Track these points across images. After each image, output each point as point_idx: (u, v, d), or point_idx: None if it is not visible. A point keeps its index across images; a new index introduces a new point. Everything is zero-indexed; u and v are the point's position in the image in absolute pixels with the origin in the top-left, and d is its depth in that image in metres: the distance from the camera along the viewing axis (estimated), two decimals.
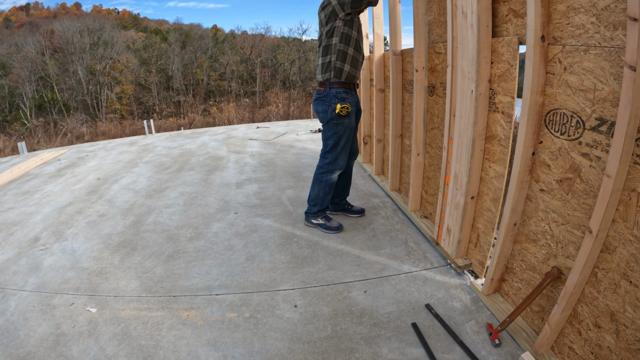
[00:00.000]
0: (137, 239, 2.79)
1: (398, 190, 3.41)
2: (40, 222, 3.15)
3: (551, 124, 1.49)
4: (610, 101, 1.21)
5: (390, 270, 2.28)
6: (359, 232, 2.76)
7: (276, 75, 41.71)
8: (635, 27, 1.03)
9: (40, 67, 33.85)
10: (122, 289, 2.18)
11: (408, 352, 1.65)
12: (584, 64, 1.30)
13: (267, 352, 1.68)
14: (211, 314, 1.94)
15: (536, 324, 1.68)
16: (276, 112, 34.23)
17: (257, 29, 67.92)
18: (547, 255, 1.58)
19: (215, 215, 3.14)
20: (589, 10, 1.25)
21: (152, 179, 4.21)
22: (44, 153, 6.02)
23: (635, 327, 1.19)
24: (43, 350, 1.73)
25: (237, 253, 2.53)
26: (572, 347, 1.46)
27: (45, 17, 44.61)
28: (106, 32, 37.82)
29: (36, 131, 30.38)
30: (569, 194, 1.44)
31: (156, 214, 3.22)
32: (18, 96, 32.18)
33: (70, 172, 4.70)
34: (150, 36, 41.00)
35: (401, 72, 3.09)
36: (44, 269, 2.42)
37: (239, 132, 6.74)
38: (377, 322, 1.84)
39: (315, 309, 1.96)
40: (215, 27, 47.34)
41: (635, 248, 1.17)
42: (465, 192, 2.03)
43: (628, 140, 1.12)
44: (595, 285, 1.33)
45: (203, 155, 5.14)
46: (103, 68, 35.54)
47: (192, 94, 38.87)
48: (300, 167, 4.36)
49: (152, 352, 1.70)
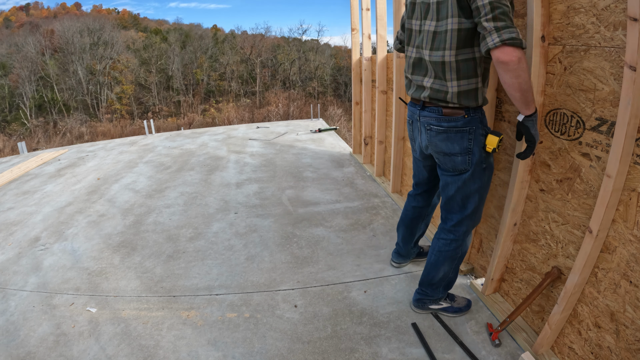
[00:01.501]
0: (137, 239, 2.79)
1: (400, 192, 3.40)
2: (41, 222, 3.15)
3: (551, 124, 1.49)
4: (610, 101, 1.21)
5: (390, 270, 2.28)
6: (359, 232, 2.76)
7: (276, 75, 41.73)
8: (635, 27, 1.03)
9: (40, 67, 33.86)
10: (122, 289, 2.18)
11: (408, 352, 1.65)
12: (584, 64, 1.30)
13: (267, 352, 1.68)
14: (211, 314, 1.95)
15: (536, 324, 1.68)
16: (276, 112, 34.25)
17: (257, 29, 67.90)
18: (547, 255, 1.58)
19: (215, 215, 3.14)
20: (589, 10, 1.25)
21: (152, 178, 4.21)
22: (44, 153, 6.02)
23: (635, 327, 1.19)
24: (43, 350, 1.73)
25: (237, 253, 2.53)
26: (572, 347, 1.46)
27: (45, 17, 44.61)
28: (106, 32, 37.84)
29: (36, 131, 30.39)
30: (569, 194, 1.44)
31: (156, 214, 3.22)
32: (18, 96, 32.19)
33: (70, 172, 4.70)
34: (150, 36, 41.02)
35: (404, 75, 3.08)
36: (44, 268, 2.42)
37: (239, 132, 6.74)
38: (377, 322, 1.84)
39: (315, 309, 1.96)
40: (215, 27, 47.36)
41: (635, 248, 1.17)
42: None
43: (628, 140, 1.12)
44: (595, 285, 1.33)
45: (203, 155, 5.14)
46: (103, 68, 35.56)
47: (192, 94, 38.88)
48: (300, 167, 4.36)
49: (152, 352, 1.70)
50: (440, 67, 1.46)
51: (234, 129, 7.18)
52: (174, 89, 38.22)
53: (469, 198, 1.62)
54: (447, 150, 1.55)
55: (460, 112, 1.49)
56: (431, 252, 1.79)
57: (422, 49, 1.54)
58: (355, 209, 3.17)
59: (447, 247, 1.72)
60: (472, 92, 1.45)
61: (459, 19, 1.35)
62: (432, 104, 1.56)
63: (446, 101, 1.50)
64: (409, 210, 2.09)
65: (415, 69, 1.62)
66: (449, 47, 1.41)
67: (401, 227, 2.15)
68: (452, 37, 1.39)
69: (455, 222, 1.69)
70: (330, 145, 5.40)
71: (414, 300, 1.89)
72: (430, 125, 1.58)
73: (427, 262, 1.80)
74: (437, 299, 1.85)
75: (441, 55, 1.44)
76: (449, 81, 1.46)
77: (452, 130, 1.51)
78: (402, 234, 2.17)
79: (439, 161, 1.65)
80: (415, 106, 1.67)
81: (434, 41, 1.46)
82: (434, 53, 1.47)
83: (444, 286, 1.83)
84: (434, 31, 1.45)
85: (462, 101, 1.46)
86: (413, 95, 1.66)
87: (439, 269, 1.76)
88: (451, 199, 1.66)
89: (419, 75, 1.60)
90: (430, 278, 1.80)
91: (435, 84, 1.51)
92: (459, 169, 1.57)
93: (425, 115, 1.59)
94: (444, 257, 1.74)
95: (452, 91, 1.46)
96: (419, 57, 1.58)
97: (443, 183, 1.69)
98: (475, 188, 1.60)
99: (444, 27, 1.41)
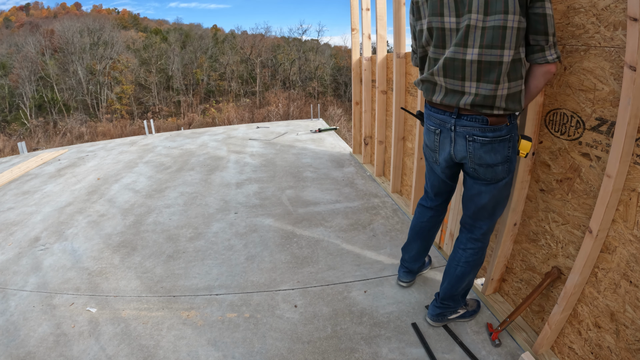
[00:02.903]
0: (137, 239, 2.79)
1: (400, 192, 3.41)
2: (40, 222, 3.15)
3: (551, 124, 1.49)
4: (610, 101, 1.21)
5: (391, 270, 2.28)
6: (359, 232, 2.76)
7: (276, 75, 41.74)
8: (635, 27, 1.03)
9: (40, 67, 33.87)
10: (122, 289, 2.18)
11: (408, 352, 1.65)
12: (584, 64, 1.30)
13: (267, 352, 1.68)
14: (211, 314, 1.95)
15: (536, 324, 1.68)
16: (276, 112, 34.25)
17: (257, 29, 67.98)
18: (547, 255, 1.58)
19: (215, 215, 3.14)
20: (589, 10, 1.25)
21: (152, 179, 4.21)
22: (44, 153, 6.02)
23: (635, 327, 1.19)
24: (43, 350, 1.73)
25: (237, 253, 2.53)
26: (572, 347, 1.46)
27: (45, 17, 44.63)
28: (106, 32, 37.86)
29: (36, 131, 30.39)
30: (569, 194, 1.44)
31: (156, 214, 3.22)
32: (18, 96, 32.20)
33: (70, 172, 4.70)
34: (150, 36, 41.03)
35: (405, 75, 3.08)
36: (44, 269, 2.42)
37: (238, 132, 6.74)
38: (377, 322, 1.84)
39: (315, 309, 1.96)
40: (215, 27, 47.39)
41: (635, 248, 1.17)
42: None
43: (628, 140, 1.12)
44: (595, 285, 1.33)
45: (203, 155, 5.14)
46: (103, 68, 35.57)
47: (192, 94, 38.89)
48: (300, 167, 4.36)
49: (152, 352, 1.70)
50: (496, 67, 1.29)
51: (234, 129, 7.18)
52: (174, 89, 38.24)
53: (499, 204, 1.56)
54: (491, 161, 1.43)
55: (504, 120, 1.38)
56: (455, 264, 1.68)
57: (461, 47, 1.33)
58: (355, 209, 3.17)
59: (475, 256, 1.65)
60: (518, 94, 1.34)
61: (520, 17, 1.22)
62: (474, 112, 1.39)
63: (492, 107, 1.34)
64: (425, 222, 1.94)
65: (447, 70, 1.40)
66: (509, 47, 1.25)
67: (417, 240, 1.99)
68: (512, 35, 1.24)
69: (484, 230, 1.62)
70: (330, 145, 5.40)
71: (433, 315, 1.77)
72: (473, 136, 1.41)
73: (452, 275, 1.69)
74: (456, 308, 1.78)
75: (498, 55, 1.27)
76: (501, 83, 1.30)
77: (496, 140, 1.39)
78: (417, 249, 2.01)
79: (475, 171, 1.49)
80: (446, 113, 1.48)
81: (484, 38, 1.27)
82: (486, 52, 1.28)
83: (463, 294, 1.77)
84: (483, 27, 1.26)
85: (510, 104, 1.34)
86: (443, 101, 1.46)
87: (465, 279, 1.68)
88: (483, 207, 1.56)
89: (454, 79, 1.39)
90: (454, 291, 1.70)
91: (482, 89, 1.33)
92: (498, 178, 1.48)
93: (465, 124, 1.42)
94: (471, 267, 1.66)
95: (501, 94, 1.32)
96: (452, 57, 1.37)
97: (475, 192, 1.55)
98: (507, 194, 1.56)
99: (499, 23, 1.23)
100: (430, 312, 1.79)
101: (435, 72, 1.45)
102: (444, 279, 1.73)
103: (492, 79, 1.31)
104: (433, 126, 1.56)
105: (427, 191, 1.90)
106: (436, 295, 1.79)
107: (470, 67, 1.33)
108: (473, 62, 1.31)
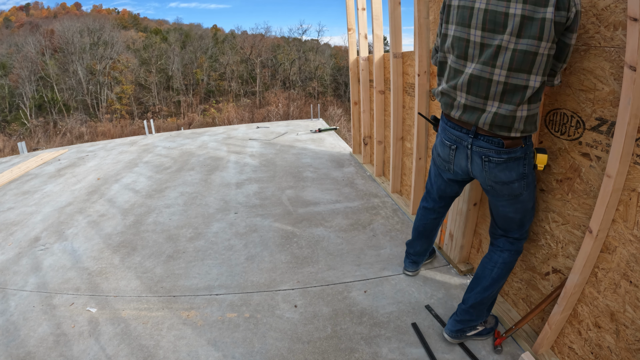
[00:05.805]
0: (137, 239, 2.79)
1: (399, 192, 3.41)
2: (41, 222, 3.15)
3: (551, 124, 1.49)
4: (610, 101, 1.22)
5: (391, 270, 2.28)
6: (359, 232, 2.76)
7: (276, 75, 41.74)
8: (635, 27, 1.03)
9: (40, 67, 33.87)
10: (122, 289, 2.18)
11: (408, 352, 1.65)
12: (584, 64, 1.30)
13: (267, 352, 1.68)
14: (211, 314, 1.95)
15: (536, 324, 1.68)
16: (276, 112, 34.26)
17: (257, 29, 67.98)
18: (547, 255, 1.58)
19: (215, 215, 3.14)
20: (589, 10, 1.25)
21: (152, 179, 4.21)
22: (44, 153, 6.02)
23: (635, 327, 1.19)
24: (43, 350, 1.73)
25: (237, 253, 2.53)
26: (572, 347, 1.46)
27: (45, 17, 44.62)
28: (106, 32, 37.85)
29: (36, 131, 30.39)
30: (569, 194, 1.44)
31: (156, 214, 3.22)
32: (18, 96, 32.20)
33: (70, 172, 4.70)
34: (150, 36, 41.03)
35: (402, 75, 3.08)
36: (44, 269, 2.42)
37: (238, 132, 6.74)
38: (377, 322, 1.84)
39: (315, 309, 1.96)
40: (215, 27, 47.38)
41: (635, 248, 1.17)
42: (468, 199, 2.03)
43: (628, 140, 1.12)
44: (595, 285, 1.33)
45: (203, 155, 5.14)
46: (103, 68, 35.57)
47: (192, 94, 38.89)
48: (300, 167, 4.36)
49: (152, 352, 1.70)
50: (520, 90, 1.28)
51: (234, 129, 7.18)
52: (174, 89, 38.23)
53: (526, 215, 1.57)
54: (506, 179, 1.45)
55: (520, 143, 1.38)
56: (492, 266, 1.63)
57: (489, 67, 1.31)
58: (355, 209, 3.17)
59: (512, 257, 1.63)
60: (535, 116, 1.35)
61: (552, 44, 1.21)
62: (491, 134, 1.39)
63: (510, 129, 1.34)
64: (428, 223, 1.98)
65: (472, 87, 1.37)
66: (536, 72, 1.25)
67: (420, 239, 2.05)
68: (542, 62, 1.23)
69: (517, 236, 1.62)
70: (330, 145, 5.40)
71: (453, 331, 1.67)
72: (488, 157, 1.43)
73: (487, 277, 1.63)
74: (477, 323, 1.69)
75: (525, 79, 1.26)
76: (522, 104, 1.30)
77: (511, 160, 1.41)
78: (421, 245, 2.08)
79: (492, 189, 1.52)
80: (463, 130, 1.47)
81: (513, 61, 1.26)
82: (514, 75, 1.27)
83: (489, 306, 1.70)
84: (514, 49, 1.24)
85: (527, 126, 1.34)
86: (462, 117, 1.44)
87: (498, 284, 1.63)
88: (510, 220, 1.59)
89: (477, 97, 1.37)
90: (484, 295, 1.62)
91: (502, 109, 1.32)
92: (515, 194, 1.49)
93: (482, 146, 1.42)
94: (507, 270, 1.63)
95: (521, 115, 1.31)
96: (479, 75, 1.34)
97: (499, 207, 1.59)
98: (531, 205, 1.56)
99: (532, 49, 1.22)
100: (450, 327, 1.69)
101: (458, 86, 1.43)
102: (475, 284, 1.66)
103: (515, 101, 1.30)
104: (449, 142, 1.56)
105: (431, 193, 1.91)
106: (459, 306, 1.70)
107: (495, 87, 1.32)
108: (500, 83, 1.30)
